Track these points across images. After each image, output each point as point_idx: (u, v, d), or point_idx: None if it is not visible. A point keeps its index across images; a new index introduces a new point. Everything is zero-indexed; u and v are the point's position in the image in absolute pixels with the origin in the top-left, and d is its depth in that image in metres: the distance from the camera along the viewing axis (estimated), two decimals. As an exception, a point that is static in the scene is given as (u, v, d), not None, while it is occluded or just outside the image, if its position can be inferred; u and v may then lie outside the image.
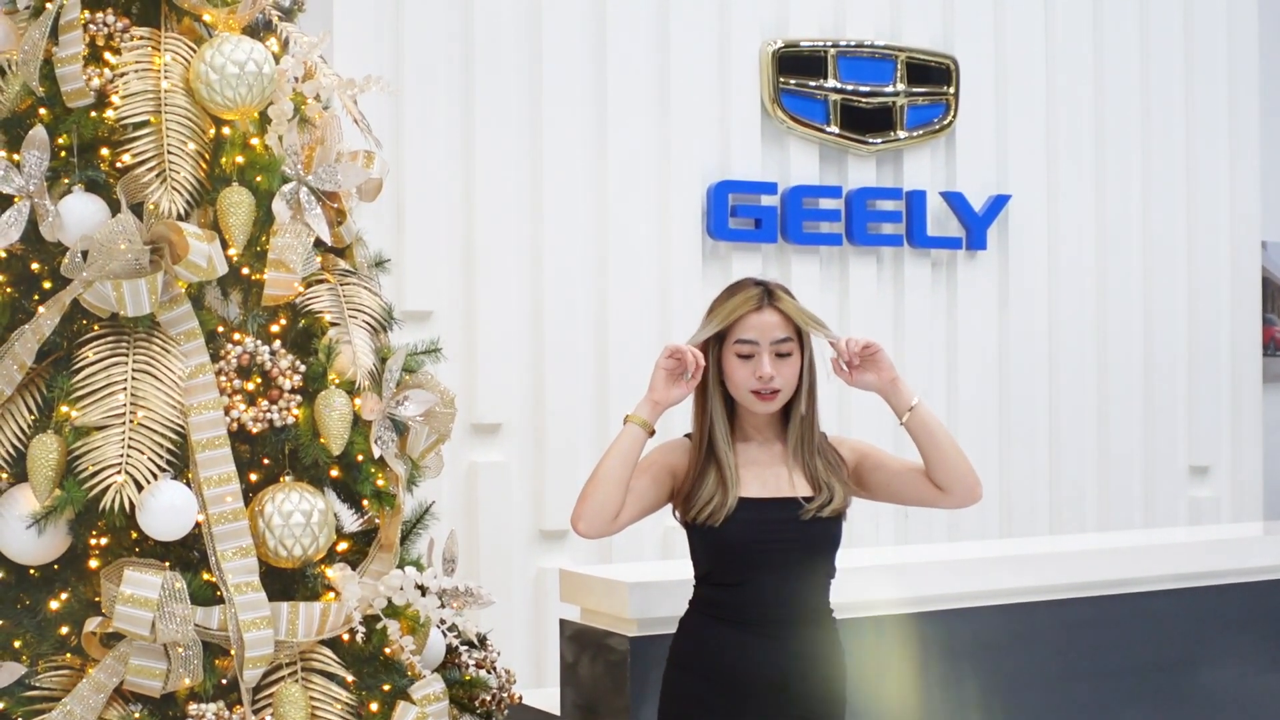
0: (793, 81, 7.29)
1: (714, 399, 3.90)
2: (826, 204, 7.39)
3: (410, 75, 6.43)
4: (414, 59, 6.47)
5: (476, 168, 6.61)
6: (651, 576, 4.38)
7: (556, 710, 4.84)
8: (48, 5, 3.93)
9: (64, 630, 3.72)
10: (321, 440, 3.85)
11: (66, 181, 3.83)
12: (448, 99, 6.57)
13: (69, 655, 3.71)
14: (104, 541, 3.73)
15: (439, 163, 6.52)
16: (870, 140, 7.50)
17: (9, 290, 3.82)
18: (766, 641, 3.90)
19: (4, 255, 3.81)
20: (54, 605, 3.74)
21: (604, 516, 3.84)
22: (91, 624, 3.67)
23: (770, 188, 7.26)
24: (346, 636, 3.89)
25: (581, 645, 4.73)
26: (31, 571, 3.76)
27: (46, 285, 3.81)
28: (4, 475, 3.73)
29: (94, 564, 3.73)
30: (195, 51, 3.94)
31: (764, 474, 3.90)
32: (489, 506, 6.55)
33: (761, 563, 3.88)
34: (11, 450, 3.73)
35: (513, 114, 6.70)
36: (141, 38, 3.93)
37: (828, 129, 7.38)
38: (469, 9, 6.60)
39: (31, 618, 3.75)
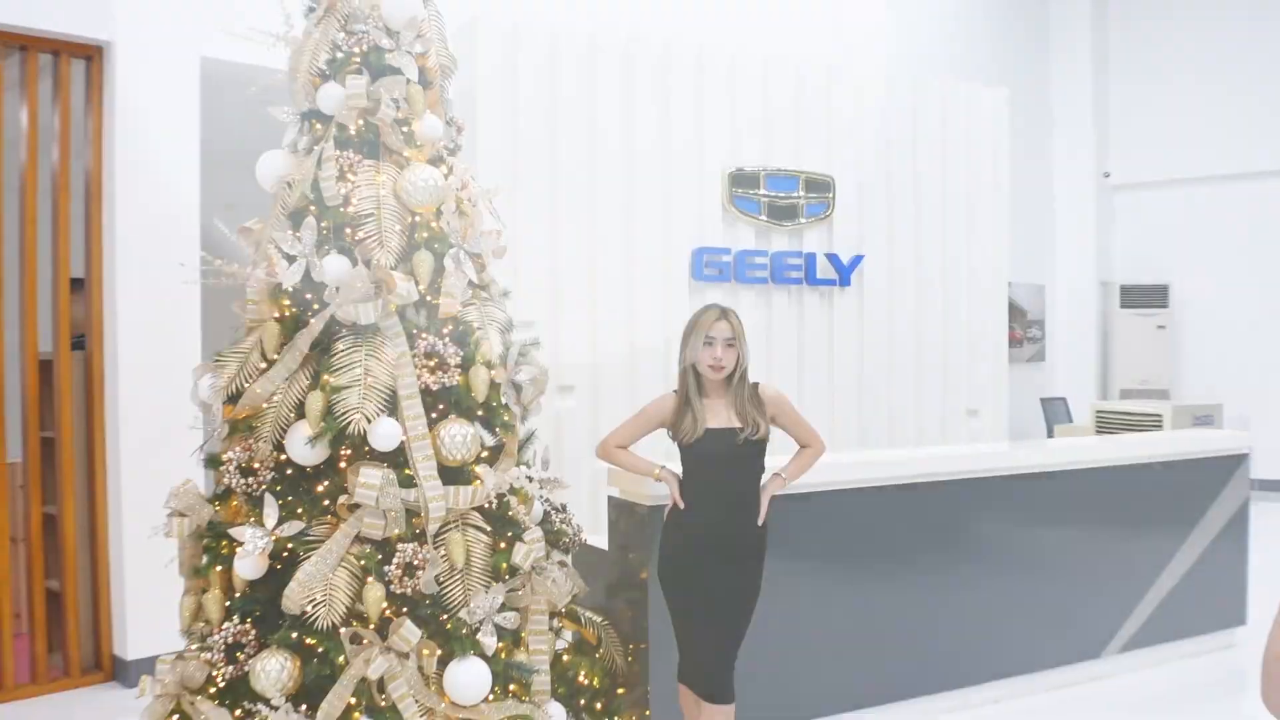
0: (740, 190, 7.28)
1: (689, 374, 4.00)
2: (759, 260, 7.38)
3: (522, 185, 6.47)
4: (526, 176, 6.51)
5: (560, 240, 6.65)
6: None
7: (605, 547, 4.89)
8: (315, 147, 4.01)
9: (325, 503, 3.80)
10: (472, 394, 3.93)
11: (326, 248, 3.90)
12: (544, 201, 6.61)
13: (329, 517, 3.78)
14: (348, 452, 3.80)
15: (538, 236, 6.56)
16: (784, 224, 7.48)
17: (293, 310, 3.89)
18: (718, 513, 3.98)
19: (291, 289, 3.88)
20: (319, 489, 3.82)
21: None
22: (342, 499, 3.74)
23: (727, 251, 7.26)
24: (487, 505, 3.95)
25: (620, 510, 4.77)
26: (308, 469, 3.83)
27: (315, 306, 3.87)
28: (293, 415, 3.80)
29: (343, 465, 3.80)
30: (399, 172, 4.01)
31: (718, 414, 3.97)
32: (568, 433, 6.59)
33: (717, 466, 3.96)
34: (298, 400, 3.81)
35: (582, 212, 6.74)
36: (368, 165, 4.00)
37: (760, 218, 7.35)
38: (555, 154, 6.64)
39: (309, 495, 3.82)
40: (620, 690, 4.52)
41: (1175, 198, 13.11)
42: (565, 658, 4.20)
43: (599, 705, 4.26)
